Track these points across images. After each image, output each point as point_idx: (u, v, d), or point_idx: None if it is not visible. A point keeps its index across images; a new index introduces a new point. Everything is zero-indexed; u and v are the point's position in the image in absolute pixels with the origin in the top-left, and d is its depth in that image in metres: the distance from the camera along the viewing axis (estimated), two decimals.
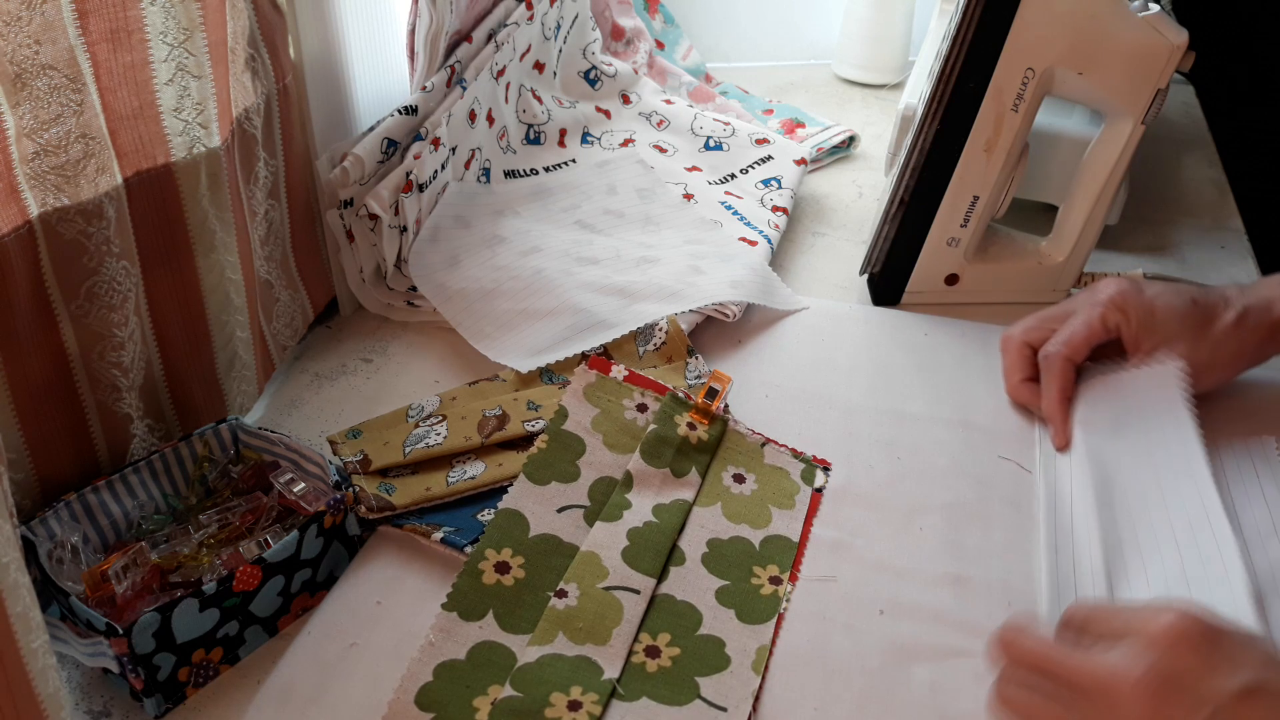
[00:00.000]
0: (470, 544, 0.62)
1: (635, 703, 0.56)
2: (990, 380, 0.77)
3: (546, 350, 0.77)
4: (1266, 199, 1.10)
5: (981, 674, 0.57)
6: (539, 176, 0.97)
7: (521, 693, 0.55)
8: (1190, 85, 1.20)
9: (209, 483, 0.66)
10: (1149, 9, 0.73)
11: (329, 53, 0.78)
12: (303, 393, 0.78)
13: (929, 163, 0.80)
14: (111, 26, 0.56)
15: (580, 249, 0.86)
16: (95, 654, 0.54)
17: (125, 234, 0.61)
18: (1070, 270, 0.85)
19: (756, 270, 0.85)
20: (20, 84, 0.52)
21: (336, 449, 0.69)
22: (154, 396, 0.67)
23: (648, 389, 0.72)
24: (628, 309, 0.80)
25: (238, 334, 0.70)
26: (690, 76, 1.16)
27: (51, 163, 0.55)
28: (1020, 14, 0.73)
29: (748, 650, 0.59)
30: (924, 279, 0.85)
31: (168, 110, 0.61)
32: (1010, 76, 0.76)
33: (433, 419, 0.71)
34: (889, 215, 0.84)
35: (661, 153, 1.02)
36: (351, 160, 0.78)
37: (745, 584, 0.62)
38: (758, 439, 0.71)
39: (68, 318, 0.60)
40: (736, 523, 0.66)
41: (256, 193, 0.72)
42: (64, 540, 0.59)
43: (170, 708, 0.56)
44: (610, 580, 0.61)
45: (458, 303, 0.81)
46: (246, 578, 0.57)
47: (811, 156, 1.03)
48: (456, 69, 0.87)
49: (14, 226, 0.55)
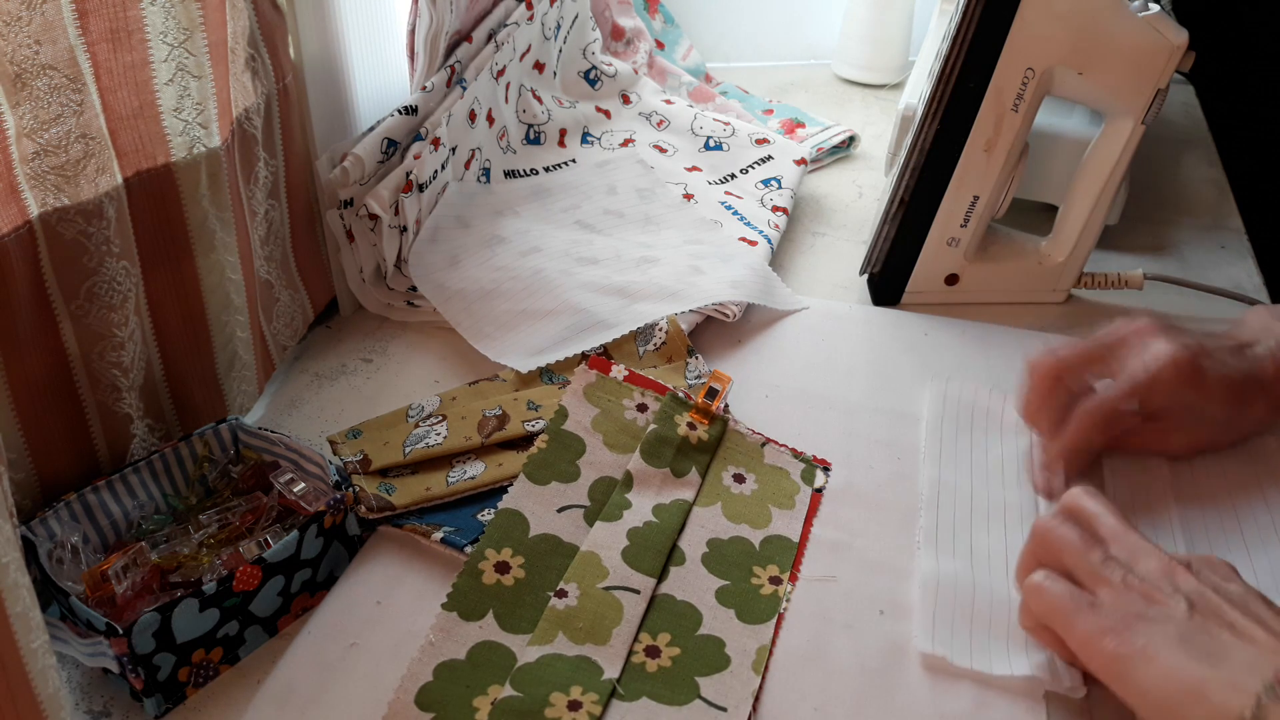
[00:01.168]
0: (470, 544, 0.62)
1: (635, 703, 0.56)
2: (990, 380, 0.77)
3: (546, 350, 0.77)
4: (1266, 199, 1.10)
5: (981, 677, 0.57)
6: (539, 176, 0.97)
7: (521, 693, 0.55)
8: (1190, 85, 1.20)
9: (209, 483, 0.66)
10: (1149, 9, 0.73)
11: (329, 53, 0.78)
12: (303, 393, 0.78)
13: (929, 163, 0.80)
14: (111, 26, 0.56)
15: (580, 249, 0.86)
16: (95, 654, 0.54)
17: (125, 234, 0.61)
18: (1070, 270, 0.85)
19: (756, 270, 0.85)
20: (20, 84, 0.52)
21: (336, 449, 0.69)
22: (154, 396, 0.67)
23: (648, 389, 0.72)
24: (628, 309, 0.80)
25: (238, 334, 0.70)
26: (690, 76, 1.16)
27: (51, 163, 0.55)
28: (1020, 14, 0.73)
29: (748, 650, 0.59)
30: (924, 279, 0.85)
31: (168, 110, 0.61)
32: (1010, 76, 0.76)
33: (433, 419, 0.71)
34: (889, 215, 0.84)
35: (661, 153, 1.02)
36: (351, 160, 0.78)
37: (745, 584, 0.62)
38: (758, 439, 0.71)
39: (68, 318, 0.60)
40: (736, 523, 0.66)
41: (256, 193, 0.72)
42: (64, 540, 0.59)
43: (170, 708, 0.56)
44: (610, 580, 0.61)
45: (458, 303, 0.81)
46: (246, 578, 0.57)
47: (811, 156, 1.03)
48: (456, 69, 0.88)
49: (14, 226, 0.55)
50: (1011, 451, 0.70)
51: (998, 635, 0.59)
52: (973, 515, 0.66)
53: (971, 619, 0.60)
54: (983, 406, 0.74)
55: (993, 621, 0.59)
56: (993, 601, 0.61)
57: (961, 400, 0.74)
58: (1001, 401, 0.74)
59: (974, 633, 0.59)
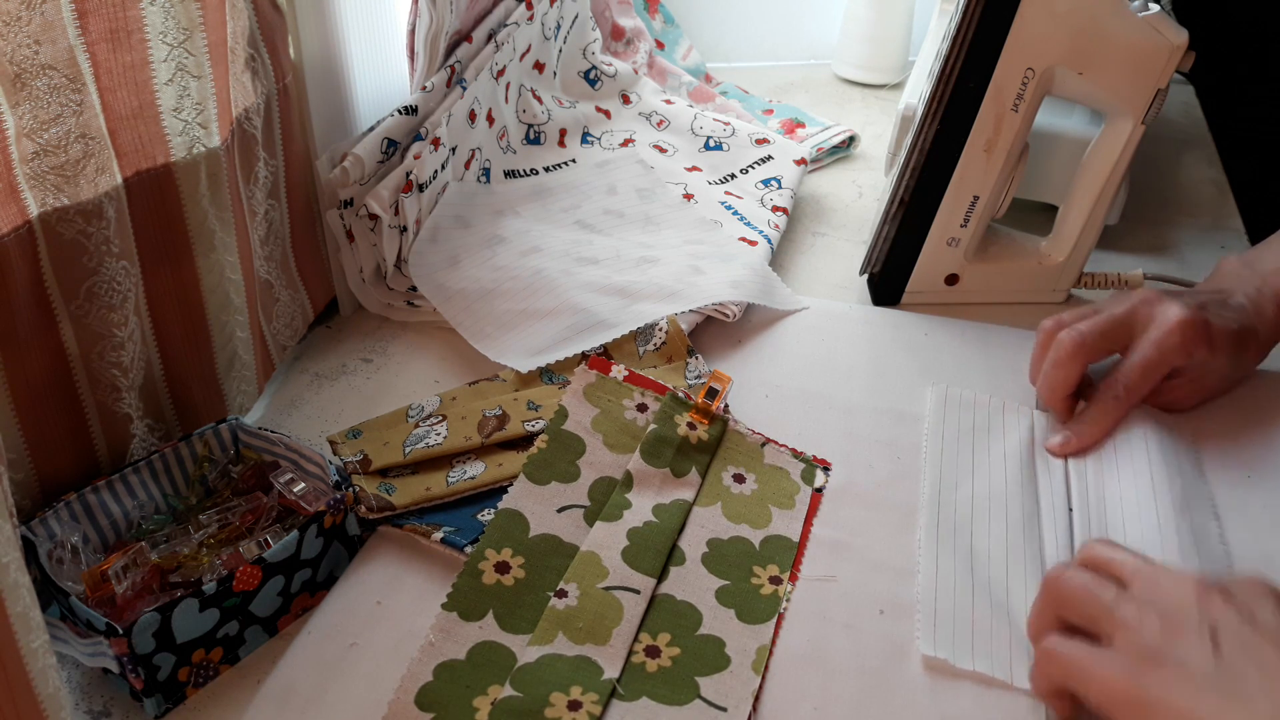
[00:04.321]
0: (470, 544, 0.62)
1: (635, 703, 0.56)
2: (990, 380, 0.77)
3: (546, 350, 0.77)
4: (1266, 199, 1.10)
5: (981, 678, 0.57)
6: (539, 176, 0.97)
7: (521, 693, 0.55)
8: (1190, 85, 1.20)
9: (209, 483, 0.66)
10: (1149, 9, 0.73)
11: (329, 53, 0.78)
12: (303, 393, 0.78)
13: (929, 163, 0.80)
14: (111, 26, 0.56)
15: (580, 249, 0.86)
16: (95, 654, 0.54)
17: (125, 234, 0.61)
18: (1070, 270, 0.85)
19: (756, 270, 0.85)
20: (20, 84, 0.52)
21: (336, 449, 0.69)
22: (154, 396, 0.67)
23: (648, 389, 0.72)
24: (628, 309, 0.80)
25: (238, 334, 0.70)
26: (690, 76, 1.16)
27: (51, 163, 0.55)
28: (1020, 14, 0.73)
29: (748, 650, 0.59)
30: (924, 279, 0.85)
31: (167, 110, 0.61)
32: (1010, 76, 0.76)
33: (433, 419, 0.71)
34: (889, 215, 0.84)
35: (661, 153, 1.02)
36: (351, 160, 0.78)
37: (745, 584, 0.62)
38: (758, 439, 0.71)
39: (67, 318, 0.60)
40: (736, 522, 0.66)
41: (256, 193, 0.72)
42: (64, 540, 0.59)
43: (170, 708, 0.56)
44: (610, 580, 0.61)
45: (458, 303, 0.81)
46: (246, 578, 0.57)
47: (811, 156, 1.03)
48: (456, 69, 0.88)
49: (14, 226, 0.55)
50: (1012, 452, 0.70)
51: (999, 637, 0.59)
52: (973, 515, 0.66)
53: (972, 621, 0.60)
54: (983, 407, 0.74)
55: (993, 623, 0.60)
56: (992, 602, 0.61)
57: (962, 401, 0.74)
58: (1001, 403, 0.74)
59: (975, 635, 0.59)
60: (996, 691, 0.56)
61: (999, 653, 0.58)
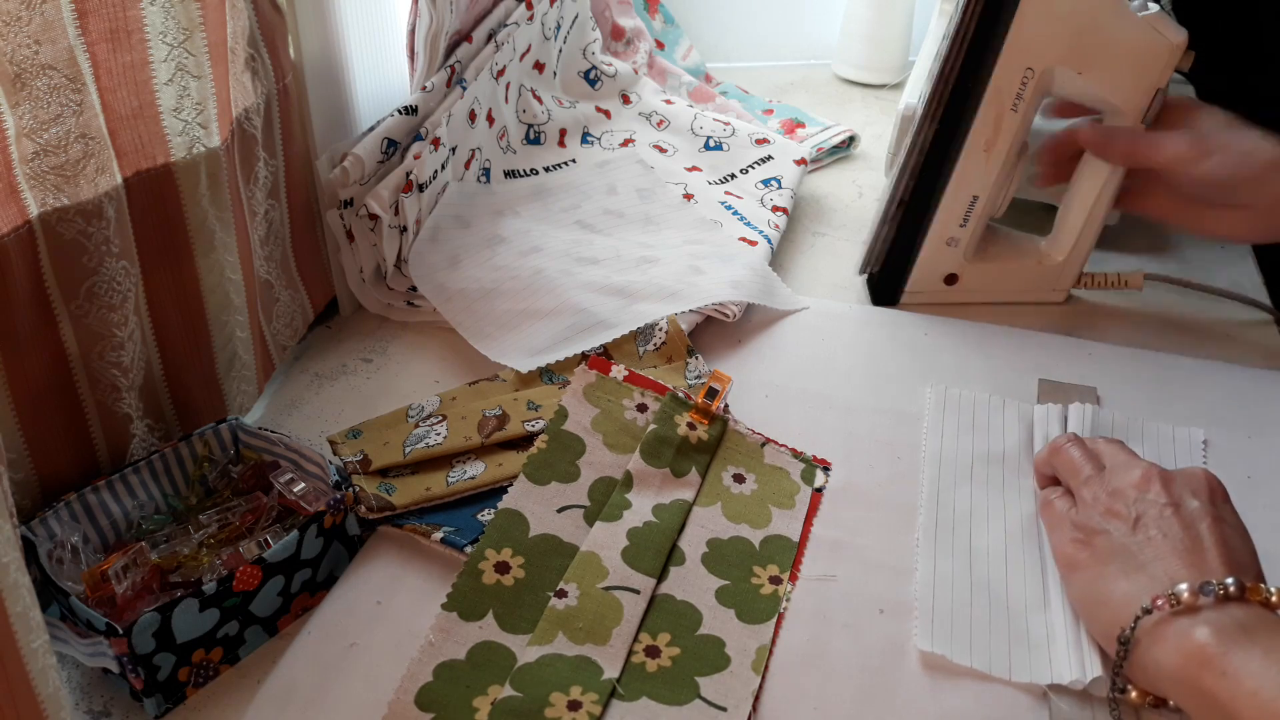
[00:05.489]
0: (470, 544, 0.62)
1: (635, 703, 0.56)
2: (989, 380, 0.77)
3: (546, 350, 0.77)
4: None
5: (980, 675, 0.57)
6: (539, 176, 0.97)
7: (521, 693, 0.55)
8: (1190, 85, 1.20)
9: (209, 483, 0.66)
10: (1149, 9, 0.73)
11: (329, 53, 0.78)
12: (303, 393, 0.78)
13: (928, 163, 0.80)
14: (111, 26, 0.56)
15: (580, 249, 0.86)
16: (95, 654, 0.54)
17: (125, 234, 0.61)
18: (1070, 270, 0.85)
19: (756, 270, 0.85)
20: (20, 84, 0.52)
21: (336, 449, 0.69)
22: (154, 396, 0.67)
23: (648, 389, 0.72)
24: (628, 309, 0.80)
25: (237, 334, 0.70)
26: (690, 76, 1.16)
27: (51, 163, 0.55)
28: (1020, 14, 0.73)
29: (748, 650, 0.59)
30: (923, 279, 0.85)
31: (167, 110, 0.61)
32: (1010, 76, 0.76)
33: (433, 419, 0.71)
34: (888, 215, 0.84)
35: (661, 153, 1.02)
36: (351, 160, 0.78)
37: (745, 584, 0.62)
38: (758, 439, 0.71)
39: (67, 318, 0.60)
40: (736, 522, 0.66)
41: (256, 193, 0.72)
42: (64, 540, 0.59)
43: (170, 708, 0.56)
44: (610, 580, 0.61)
45: (458, 303, 0.81)
46: (246, 578, 0.57)
47: (811, 156, 1.03)
48: (456, 69, 0.88)
49: (14, 226, 0.55)
50: (1012, 452, 0.70)
51: (998, 634, 0.59)
52: (972, 514, 0.66)
53: (971, 618, 0.60)
54: (982, 407, 0.74)
55: (992, 620, 0.60)
56: (990, 600, 0.61)
57: (961, 401, 0.75)
58: (1001, 402, 0.74)
59: (974, 632, 0.59)
60: (996, 691, 0.57)
61: (997, 650, 0.58)
